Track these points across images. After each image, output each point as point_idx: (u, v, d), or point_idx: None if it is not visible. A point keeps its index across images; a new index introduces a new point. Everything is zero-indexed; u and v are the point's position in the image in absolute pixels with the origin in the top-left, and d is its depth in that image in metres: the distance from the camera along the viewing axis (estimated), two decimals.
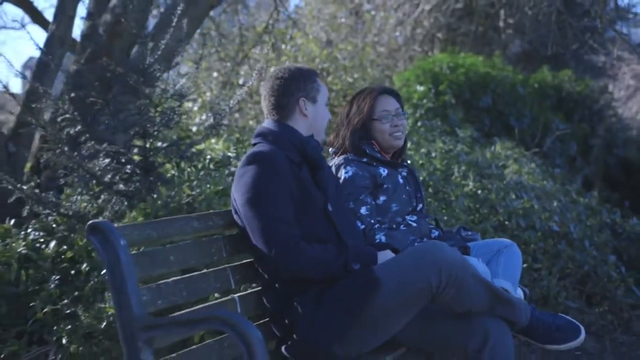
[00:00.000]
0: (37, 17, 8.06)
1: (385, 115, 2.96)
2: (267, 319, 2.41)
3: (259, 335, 1.83)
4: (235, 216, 2.43)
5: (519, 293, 2.89)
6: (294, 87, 2.54)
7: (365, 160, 2.92)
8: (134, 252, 2.05)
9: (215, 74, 9.87)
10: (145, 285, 2.04)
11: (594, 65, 11.68)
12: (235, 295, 2.34)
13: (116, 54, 5.67)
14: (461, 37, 11.61)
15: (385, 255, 2.38)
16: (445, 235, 2.98)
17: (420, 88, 7.75)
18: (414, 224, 2.85)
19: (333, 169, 2.84)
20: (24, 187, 3.75)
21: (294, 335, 2.28)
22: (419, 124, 6.61)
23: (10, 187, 3.69)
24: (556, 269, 4.65)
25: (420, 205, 2.97)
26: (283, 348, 2.30)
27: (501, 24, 10.15)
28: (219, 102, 5.49)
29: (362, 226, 2.70)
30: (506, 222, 4.79)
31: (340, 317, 2.24)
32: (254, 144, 2.53)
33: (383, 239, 2.68)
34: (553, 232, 4.84)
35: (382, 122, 2.96)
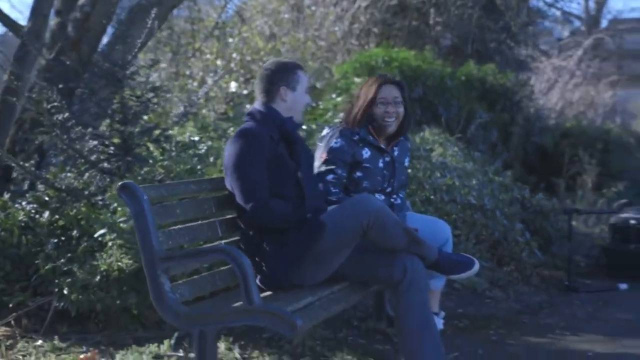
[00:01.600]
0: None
1: (382, 101, 3.62)
2: None
3: (248, 262, 2.58)
4: (226, 177, 3.16)
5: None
6: (277, 77, 3.26)
7: (356, 138, 3.60)
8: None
9: (163, 65, 10.44)
10: (160, 229, 2.76)
11: (516, 60, 12.63)
12: (222, 241, 3.08)
13: (84, 48, 6.24)
14: (395, 31, 12.28)
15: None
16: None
17: (358, 80, 8.45)
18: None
19: (329, 131, 3.60)
20: (26, 165, 4.37)
21: (264, 269, 3.03)
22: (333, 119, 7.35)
23: (14, 165, 4.31)
24: (472, 235, 5.51)
25: (390, 189, 3.68)
26: (257, 279, 3.04)
27: (431, 21, 10.95)
28: (189, 95, 6.15)
29: (321, 186, 3.47)
30: (432, 197, 5.60)
31: (297, 254, 3.00)
32: (245, 121, 3.26)
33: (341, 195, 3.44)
34: (471, 205, 5.69)
35: (378, 107, 3.62)
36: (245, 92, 10.23)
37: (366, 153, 3.62)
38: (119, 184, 2.70)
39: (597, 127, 11.65)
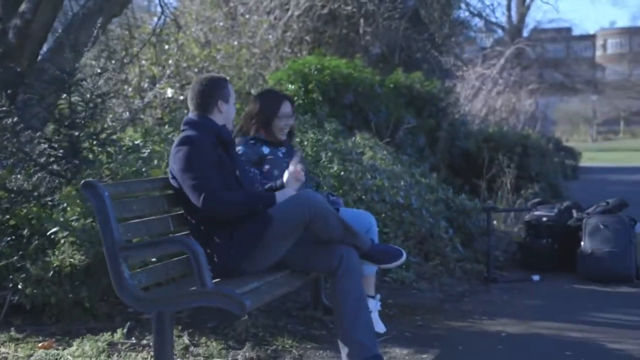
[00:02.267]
0: None
1: (282, 115, 4.25)
2: None
3: (201, 250, 2.90)
4: (172, 181, 3.46)
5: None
6: (213, 91, 3.61)
7: (252, 142, 4.20)
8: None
9: (98, 70, 10.57)
10: (118, 223, 3.05)
11: (442, 68, 13.21)
12: (174, 234, 3.39)
13: (26, 54, 6.41)
14: (327, 39, 12.70)
15: (283, 194, 3.49)
16: None
17: (292, 87, 8.76)
18: None
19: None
20: None
21: (215, 259, 3.35)
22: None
23: None
24: (401, 232, 5.94)
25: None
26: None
27: (361, 31, 11.39)
28: (133, 101, 6.38)
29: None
30: (363, 197, 6.00)
31: (246, 243, 3.34)
32: (183, 130, 3.57)
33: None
34: (399, 204, 6.11)
35: (280, 120, 4.24)
36: (181, 97, 10.46)
37: (266, 149, 4.23)
38: (82, 181, 2.98)
39: (517, 132, 12.32)
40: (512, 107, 19.04)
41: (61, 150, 4.81)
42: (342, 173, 6.10)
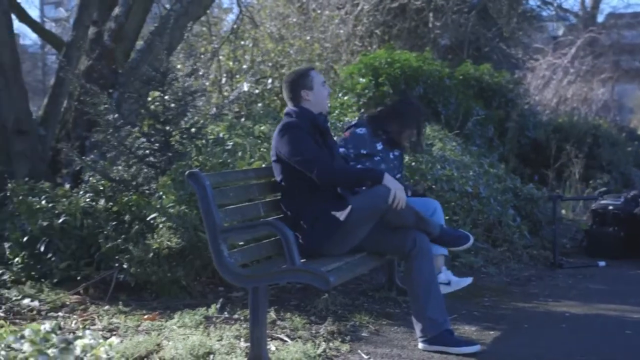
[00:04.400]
0: (23, 16, 9.18)
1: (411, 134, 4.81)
2: None
3: (291, 232, 3.30)
4: (274, 164, 3.89)
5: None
6: (295, 83, 4.03)
7: (378, 132, 4.68)
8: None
9: (179, 66, 11.12)
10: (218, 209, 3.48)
11: (511, 59, 13.27)
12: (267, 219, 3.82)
13: (119, 55, 6.95)
14: (397, 32, 12.96)
15: (388, 178, 3.79)
16: None
17: (362, 80, 9.08)
18: None
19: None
20: (86, 159, 5.10)
21: (301, 241, 3.74)
22: (362, 111, 8.06)
23: (76, 159, 5.04)
24: (469, 220, 6.23)
25: (399, 176, 4.62)
26: None
27: (430, 25, 11.59)
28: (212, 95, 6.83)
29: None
30: (433, 186, 6.31)
31: (328, 228, 3.73)
32: (283, 120, 4.00)
33: None
34: (468, 193, 6.41)
35: (411, 134, 4.80)
36: (256, 91, 10.92)
37: (379, 145, 4.59)
38: (187, 172, 3.41)
39: (587, 122, 12.31)
40: (584, 96, 18.84)
41: (156, 144, 5.29)
42: (413, 164, 6.42)
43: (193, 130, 5.52)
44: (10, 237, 5.07)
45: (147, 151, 5.31)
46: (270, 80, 10.89)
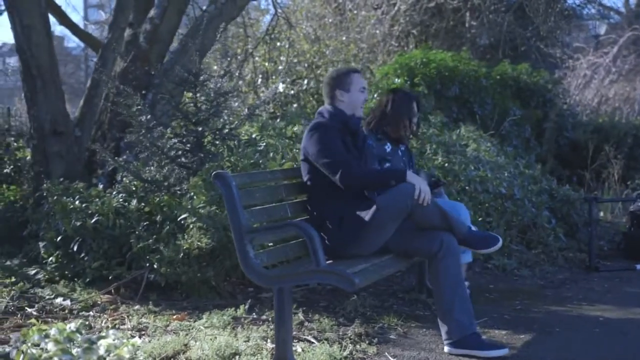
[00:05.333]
0: (64, 19, 9.33)
1: (413, 115, 4.73)
2: None
3: (316, 233, 3.28)
4: (302, 163, 3.89)
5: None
6: (333, 83, 4.02)
7: (379, 137, 4.66)
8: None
9: (215, 67, 11.20)
10: (244, 209, 3.48)
11: (549, 59, 13.06)
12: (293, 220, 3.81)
13: (154, 57, 7.02)
14: (434, 32, 12.86)
15: (411, 175, 3.78)
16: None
17: (398, 80, 9.03)
18: None
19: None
20: (119, 160, 5.16)
21: (327, 242, 3.72)
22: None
23: (109, 160, 5.10)
24: (503, 222, 6.15)
25: (411, 170, 4.51)
26: None
27: (467, 24, 11.48)
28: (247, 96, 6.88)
29: None
30: (466, 187, 6.24)
31: (354, 228, 3.71)
32: (316, 118, 4.00)
33: None
34: (502, 195, 6.33)
35: (408, 119, 4.72)
36: (292, 92, 10.95)
37: (388, 147, 4.64)
38: (214, 172, 3.42)
39: (629, 122, 12.06)
40: (627, 95, 18.47)
41: (188, 145, 5.33)
42: (446, 165, 6.36)
43: (225, 131, 5.55)
44: (45, 236, 5.16)
45: (179, 152, 5.36)
46: (305, 81, 10.90)
